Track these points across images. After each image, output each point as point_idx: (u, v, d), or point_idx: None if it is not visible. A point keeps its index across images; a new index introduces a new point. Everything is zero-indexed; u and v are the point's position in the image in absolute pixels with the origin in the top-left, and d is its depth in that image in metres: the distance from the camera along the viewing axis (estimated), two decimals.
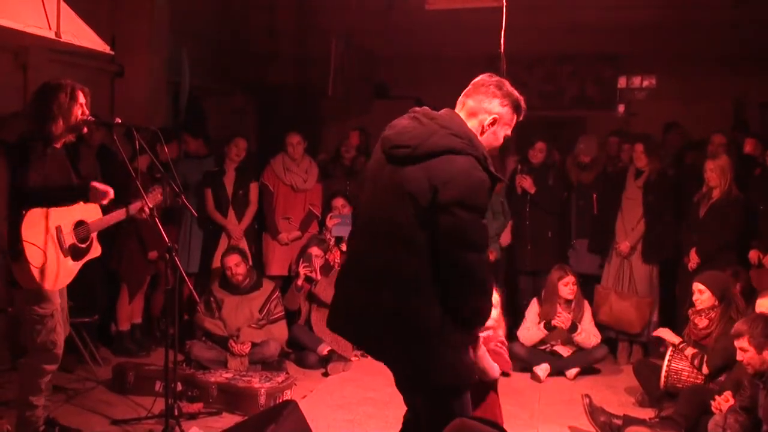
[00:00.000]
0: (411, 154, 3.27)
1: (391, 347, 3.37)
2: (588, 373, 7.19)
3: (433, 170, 3.21)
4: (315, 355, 7.19)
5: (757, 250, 6.96)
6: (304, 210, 8.07)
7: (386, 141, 3.41)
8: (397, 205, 3.28)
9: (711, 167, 7.03)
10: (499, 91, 3.46)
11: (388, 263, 3.31)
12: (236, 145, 7.80)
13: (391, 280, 3.29)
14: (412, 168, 3.26)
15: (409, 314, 3.27)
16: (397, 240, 3.28)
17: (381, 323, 3.34)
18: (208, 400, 5.92)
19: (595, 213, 8.01)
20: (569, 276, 7.18)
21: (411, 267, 3.26)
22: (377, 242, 3.37)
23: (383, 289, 3.31)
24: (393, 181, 3.33)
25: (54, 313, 4.80)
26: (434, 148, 3.24)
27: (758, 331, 4.76)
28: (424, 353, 3.29)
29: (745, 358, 4.84)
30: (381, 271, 3.33)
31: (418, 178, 3.23)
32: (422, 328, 3.28)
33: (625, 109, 11.11)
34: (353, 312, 3.47)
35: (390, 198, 3.32)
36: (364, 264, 3.44)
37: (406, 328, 3.29)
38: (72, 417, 5.48)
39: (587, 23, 10.23)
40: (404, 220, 3.25)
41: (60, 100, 4.69)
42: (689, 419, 5.31)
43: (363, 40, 10.76)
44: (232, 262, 7.02)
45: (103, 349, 7.21)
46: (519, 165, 8.16)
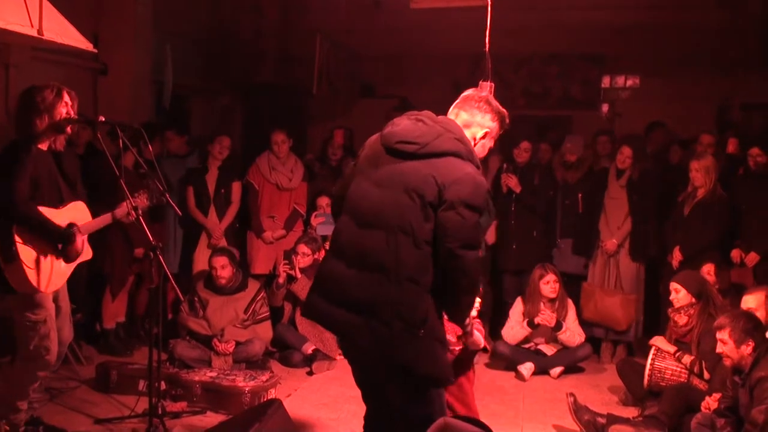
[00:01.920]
0: (418, 150, 3.44)
1: (378, 333, 3.37)
2: (572, 372, 7.21)
3: (440, 169, 3.38)
4: (300, 354, 7.17)
5: (739, 249, 7.01)
6: (289, 209, 8.06)
7: (391, 135, 3.54)
8: (399, 197, 3.41)
9: (696, 167, 7.06)
10: (489, 106, 3.67)
11: (385, 251, 3.39)
12: (219, 143, 7.78)
13: (389, 268, 3.36)
14: (416, 163, 3.43)
15: (404, 302, 3.35)
16: (398, 230, 3.37)
17: (372, 308, 3.38)
18: (192, 399, 5.90)
19: (581, 212, 8.02)
20: (550, 275, 7.21)
21: (411, 257, 3.36)
22: (373, 231, 3.44)
23: (378, 275, 3.38)
24: (394, 174, 3.47)
25: (47, 319, 4.77)
26: (441, 148, 3.43)
27: (739, 326, 4.83)
28: (414, 342, 3.35)
29: (724, 351, 4.90)
30: (377, 258, 3.40)
31: (423, 174, 3.39)
32: (415, 318, 3.35)
33: (609, 109, 11.14)
34: (341, 295, 3.49)
35: (391, 190, 3.44)
36: (357, 250, 3.49)
37: (398, 314, 3.34)
38: (55, 416, 5.45)
39: (573, 23, 10.26)
40: (407, 212, 3.37)
41: (45, 95, 4.68)
42: (673, 418, 5.34)
43: (348, 39, 10.75)
44: (218, 263, 6.99)
45: (87, 348, 7.18)
46: (504, 164, 8.16)
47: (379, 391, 3.60)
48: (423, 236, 3.36)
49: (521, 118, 10.88)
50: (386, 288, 3.36)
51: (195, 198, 7.77)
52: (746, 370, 4.76)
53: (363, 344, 3.43)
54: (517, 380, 7.00)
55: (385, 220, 3.41)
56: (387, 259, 3.37)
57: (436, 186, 3.35)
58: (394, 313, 3.34)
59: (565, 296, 7.33)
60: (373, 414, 3.79)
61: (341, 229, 3.62)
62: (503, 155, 8.59)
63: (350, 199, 3.60)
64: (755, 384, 4.62)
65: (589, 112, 11.06)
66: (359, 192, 3.57)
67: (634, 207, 7.58)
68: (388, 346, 3.37)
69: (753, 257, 6.91)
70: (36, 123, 4.69)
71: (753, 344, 4.78)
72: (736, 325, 4.84)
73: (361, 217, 3.53)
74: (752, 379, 4.66)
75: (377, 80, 11.56)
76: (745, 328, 4.81)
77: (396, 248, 3.36)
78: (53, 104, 4.70)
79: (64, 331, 5.04)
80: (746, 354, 4.80)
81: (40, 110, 4.68)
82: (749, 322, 4.88)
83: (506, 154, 8.39)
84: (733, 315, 5.04)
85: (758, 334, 4.82)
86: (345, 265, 3.51)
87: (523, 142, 8.15)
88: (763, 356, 4.69)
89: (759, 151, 7.00)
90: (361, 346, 3.47)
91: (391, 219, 3.39)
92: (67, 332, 5.10)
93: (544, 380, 7.02)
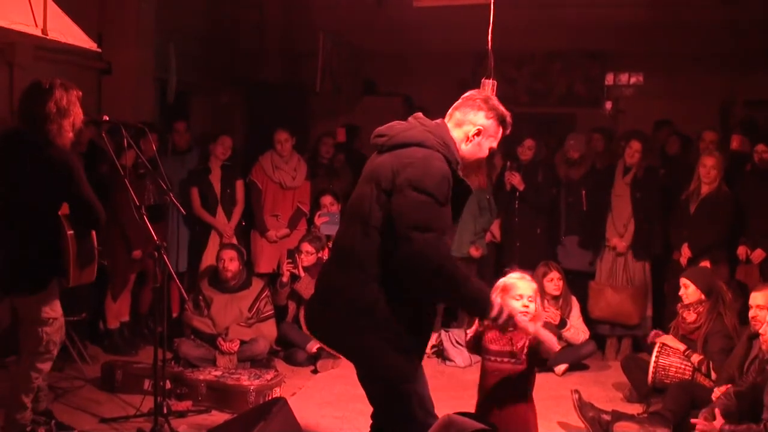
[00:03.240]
0: (387, 142, 3.49)
1: (332, 321, 3.48)
2: (576, 369, 7.20)
3: (399, 157, 3.39)
4: (304, 353, 7.18)
5: (745, 246, 7.00)
6: (293, 207, 8.06)
7: (373, 132, 3.61)
8: (363, 189, 3.48)
9: (710, 164, 7.05)
10: (485, 104, 3.59)
11: (346, 242, 3.49)
12: (222, 144, 7.78)
13: (344, 257, 3.48)
14: (385, 156, 3.48)
15: (349, 288, 3.41)
16: (357, 220, 3.43)
17: (326, 296, 3.52)
18: (197, 398, 5.91)
19: (585, 209, 8.01)
20: (553, 272, 7.20)
21: (361, 245, 3.40)
22: (346, 226, 3.57)
23: (335, 265, 3.53)
24: (368, 169, 3.55)
25: (60, 316, 4.83)
26: (407, 139, 3.45)
27: None
28: (358, 335, 3.41)
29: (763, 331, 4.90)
30: (341, 250, 3.54)
31: (385, 164, 3.42)
32: (358, 304, 3.38)
33: (613, 106, 11.14)
34: (319, 298, 3.62)
35: (362, 184, 3.51)
36: (336, 248, 3.65)
37: (344, 301, 3.42)
38: (61, 415, 5.42)
39: (576, 21, 10.26)
40: (365, 201, 3.42)
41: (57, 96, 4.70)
42: (677, 414, 5.33)
43: (351, 37, 10.75)
44: (227, 256, 7.02)
45: (92, 348, 7.19)
46: (508, 162, 8.16)
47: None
48: (373, 223, 3.36)
49: (524, 116, 10.89)
50: (336, 275, 3.47)
51: (201, 198, 7.77)
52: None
53: (327, 335, 3.56)
54: None
55: (351, 213, 3.52)
56: (345, 249, 3.47)
57: (391, 172, 3.35)
58: (341, 299, 3.42)
59: (568, 293, 7.32)
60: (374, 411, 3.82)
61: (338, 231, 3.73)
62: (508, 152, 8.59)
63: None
64: None
65: (592, 110, 11.07)
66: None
67: (637, 205, 7.56)
68: (340, 334, 3.46)
69: (759, 254, 6.91)
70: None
71: None
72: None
73: (344, 216, 3.69)
74: None
75: (380, 78, 11.55)
76: None
77: (352, 237, 3.44)
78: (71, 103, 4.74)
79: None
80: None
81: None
82: None
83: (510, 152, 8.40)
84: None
85: None
86: (328, 263, 3.67)
87: (527, 140, 8.14)
88: None
89: (765, 147, 7.00)
90: (328, 338, 3.60)
91: (355, 210, 3.48)
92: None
93: (549, 377, 7.01)
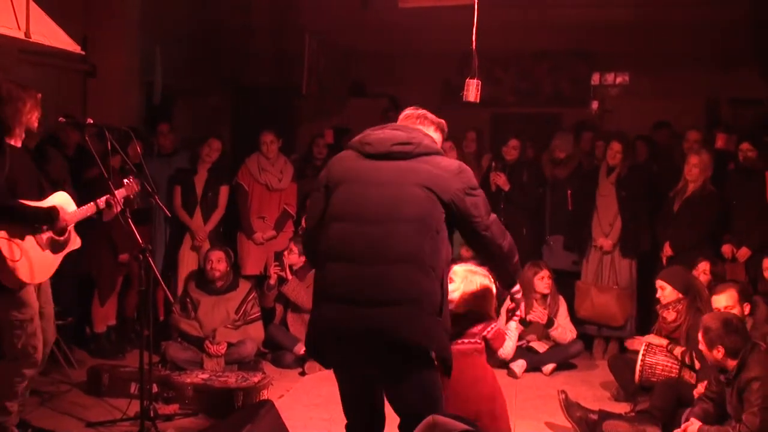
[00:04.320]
0: (413, 150, 3.62)
1: (416, 319, 3.42)
2: (564, 369, 7.22)
3: (439, 165, 3.61)
4: (292, 355, 7.17)
5: (730, 244, 7.03)
6: (279, 209, 8.04)
7: (381, 141, 3.66)
8: (411, 190, 3.53)
9: (695, 162, 7.09)
10: (427, 120, 3.93)
11: (391, 242, 3.47)
12: (209, 146, 7.76)
13: (414, 256, 3.45)
14: (412, 162, 3.60)
15: (434, 291, 3.47)
16: (415, 221, 3.48)
17: (407, 296, 3.43)
18: (183, 401, 5.88)
19: (570, 209, 8.03)
20: (544, 270, 7.23)
21: (423, 246, 3.46)
22: (387, 225, 3.50)
23: (405, 265, 3.44)
24: (394, 173, 3.58)
25: (33, 317, 4.79)
26: (429, 149, 3.67)
27: (713, 330, 4.75)
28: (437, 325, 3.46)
29: (702, 350, 4.89)
30: (400, 249, 3.46)
31: (425, 170, 3.57)
32: (435, 304, 3.46)
33: (599, 106, 11.16)
34: (357, 293, 3.48)
35: (398, 186, 3.55)
36: (356, 246, 3.53)
37: (431, 303, 3.45)
38: (46, 420, 5.44)
39: (562, 21, 10.26)
40: (417, 204, 3.51)
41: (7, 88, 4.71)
42: (665, 412, 5.36)
43: (337, 38, 10.73)
44: (215, 257, 7.03)
45: (79, 352, 7.16)
46: (493, 162, 8.17)
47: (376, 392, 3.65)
48: (433, 223, 3.51)
49: (511, 116, 10.94)
50: (417, 276, 3.44)
51: (182, 198, 7.76)
52: (729, 369, 4.72)
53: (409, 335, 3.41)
54: (509, 377, 6.99)
55: (387, 215, 3.50)
56: (411, 248, 3.46)
57: (443, 178, 3.56)
58: (430, 300, 3.45)
59: (556, 293, 7.35)
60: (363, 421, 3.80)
61: (336, 235, 3.59)
62: (493, 153, 8.62)
63: (342, 206, 3.62)
64: (744, 386, 4.59)
65: (578, 109, 11.07)
66: (353, 197, 3.60)
67: (622, 203, 7.59)
68: (429, 334, 3.44)
69: (744, 252, 6.95)
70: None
71: (723, 350, 4.69)
72: (710, 328, 4.76)
73: (364, 216, 3.55)
74: (741, 381, 4.62)
75: (367, 79, 11.53)
76: (718, 333, 4.70)
77: (403, 236, 3.46)
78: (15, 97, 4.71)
79: (48, 332, 5.06)
80: (718, 358, 4.73)
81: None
82: (723, 327, 4.73)
83: (496, 152, 8.42)
84: (712, 316, 4.97)
85: (731, 339, 4.69)
86: (351, 265, 3.51)
87: (512, 140, 8.16)
88: (749, 357, 4.65)
89: (749, 146, 7.04)
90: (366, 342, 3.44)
91: (395, 212, 3.50)
92: (50, 333, 5.12)
93: (536, 377, 7.04)
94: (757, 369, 4.59)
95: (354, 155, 3.72)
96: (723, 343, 4.70)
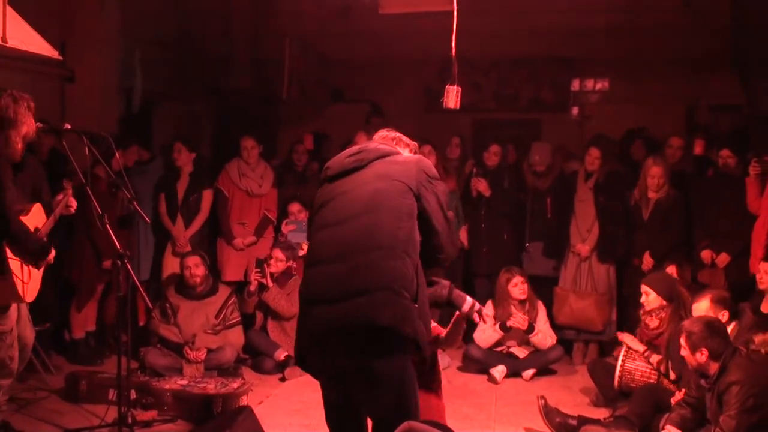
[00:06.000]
0: (366, 157, 3.74)
1: (395, 304, 3.42)
2: (544, 374, 7.24)
3: (396, 161, 3.72)
4: (272, 361, 7.15)
5: (709, 250, 7.07)
6: (260, 215, 8.03)
7: (336, 161, 3.82)
8: (369, 189, 3.61)
9: (659, 173, 7.18)
10: (402, 142, 3.97)
11: (362, 235, 3.52)
12: (176, 151, 7.77)
13: (387, 244, 3.49)
14: (369, 167, 3.70)
15: (406, 275, 3.49)
16: (373, 213, 3.54)
17: (382, 282, 3.44)
18: (162, 407, 5.86)
19: (549, 216, 8.05)
20: (516, 277, 7.25)
21: (396, 233, 3.51)
22: (345, 225, 3.57)
23: (379, 251, 3.47)
24: (356, 180, 3.68)
25: (13, 329, 4.76)
26: (383, 152, 3.78)
27: (694, 334, 4.78)
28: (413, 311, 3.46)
29: (684, 355, 4.91)
30: (355, 243, 3.52)
31: (383, 167, 3.68)
32: (412, 289, 3.49)
33: (579, 112, 11.20)
34: (323, 292, 3.52)
35: (358, 189, 3.64)
36: (331, 247, 3.58)
37: (404, 286, 3.46)
38: (23, 426, 5.40)
39: (542, 27, 10.29)
40: (383, 195, 3.58)
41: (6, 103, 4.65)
42: (643, 418, 5.37)
43: (318, 44, 10.74)
44: (191, 262, 7.00)
45: (57, 358, 7.13)
46: (474, 168, 8.19)
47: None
48: (407, 211, 3.57)
49: (491, 122, 10.96)
50: (390, 262, 3.46)
51: (166, 204, 7.75)
52: (710, 374, 4.74)
53: (382, 320, 3.40)
54: (489, 383, 7.01)
55: (370, 207, 3.56)
56: (383, 236, 3.50)
57: (408, 171, 3.65)
58: (402, 284, 3.45)
59: (534, 298, 7.37)
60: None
61: (313, 244, 3.71)
62: (475, 159, 8.63)
63: (317, 221, 3.73)
64: (724, 389, 4.62)
65: (558, 115, 11.11)
66: (325, 212, 3.70)
67: (600, 209, 7.62)
68: (402, 316, 3.43)
69: (724, 258, 7.00)
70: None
71: (707, 353, 4.71)
72: (693, 332, 4.78)
73: (335, 220, 3.62)
74: (721, 385, 4.64)
75: (347, 85, 11.53)
76: (701, 336, 4.73)
77: (391, 225, 3.52)
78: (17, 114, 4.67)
79: (26, 334, 5.02)
80: (702, 362, 4.75)
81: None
82: (706, 329, 4.78)
83: (477, 158, 8.43)
84: (693, 320, 5.02)
85: (715, 341, 4.73)
86: (328, 266, 3.54)
87: (493, 146, 8.20)
88: (730, 361, 4.68)
89: (729, 152, 7.08)
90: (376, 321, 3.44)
91: (376, 203, 3.57)
92: (29, 335, 5.07)
93: (517, 383, 7.05)
94: (737, 373, 4.62)
95: (323, 185, 3.82)
96: (707, 345, 4.72)
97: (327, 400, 3.78)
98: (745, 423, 4.49)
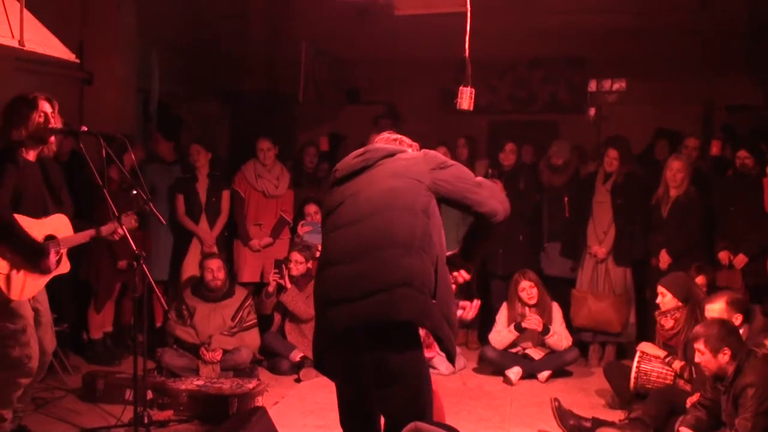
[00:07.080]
0: (373, 156, 3.78)
1: (414, 300, 3.42)
2: (559, 376, 7.21)
3: (402, 158, 3.75)
4: (287, 362, 7.17)
5: (727, 251, 7.04)
6: (276, 216, 8.05)
7: (344, 164, 3.84)
8: (382, 187, 3.62)
9: (678, 167, 7.12)
10: (405, 143, 3.97)
11: (378, 233, 3.51)
12: (194, 152, 7.81)
13: (404, 242, 3.48)
14: (377, 166, 3.73)
15: (425, 271, 3.48)
16: (388, 211, 3.54)
17: (403, 278, 3.43)
18: (178, 407, 5.90)
19: (567, 216, 8.03)
20: (524, 281, 7.24)
21: (414, 230, 3.50)
22: (361, 224, 3.57)
23: (395, 250, 3.46)
24: (365, 179, 3.70)
25: (26, 327, 4.77)
26: (389, 151, 3.82)
27: (714, 335, 4.76)
28: (415, 298, 3.43)
29: (702, 361, 4.86)
30: (372, 241, 3.51)
31: (390, 166, 3.70)
32: (431, 285, 3.48)
33: (596, 113, 11.17)
34: (341, 292, 3.51)
35: (371, 188, 3.64)
36: (346, 247, 3.58)
37: (423, 283, 3.45)
38: (41, 426, 5.45)
39: (557, 28, 10.29)
40: (397, 192, 3.58)
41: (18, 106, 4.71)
42: (658, 420, 5.34)
43: (333, 46, 10.76)
44: (214, 266, 7.03)
45: (75, 358, 7.18)
46: (490, 169, 8.17)
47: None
48: (423, 207, 3.56)
49: (507, 123, 10.94)
50: (407, 259, 3.45)
51: (186, 206, 7.78)
52: (728, 376, 4.72)
53: (402, 314, 3.41)
54: (504, 385, 7.00)
55: (385, 205, 3.56)
56: (400, 233, 3.49)
57: (418, 166, 3.67)
58: (421, 281, 3.45)
59: (548, 300, 7.34)
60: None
61: (328, 244, 3.71)
62: (490, 159, 8.61)
63: (330, 222, 3.72)
64: (740, 392, 4.59)
65: (575, 116, 11.09)
66: (339, 211, 3.70)
67: (617, 210, 7.58)
68: (422, 310, 3.43)
69: (741, 259, 6.96)
70: (13, 134, 4.71)
71: (730, 352, 4.70)
72: (711, 334, 4.76)
73: (349, 219, 3.62)
74: (736, 387, 4.62)
75: (363, 87, 11.56)
76: (720, 336, 4.72)
77: (408, 222, 3.52)
78: (28, 116, 4.72)
79: (46, 340, 5.03)
80: (724, 363, 4.73)
81: (15, 121, 4.71)
82: (723, 329, 4.79)
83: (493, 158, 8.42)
84: (707, 324, 4.98)
85: (734, 341, 4.74)
86: (344, 266, 3.54)
87: (509, 144, 8.19)
88: (745, 363, 4.65)
89: (746, 153, 7.05)
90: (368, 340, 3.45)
91: (390, 201, 3.56)
92: (49, 341, 5.09)
93: (532, 384, 7.03)
94: (752, 375, 4.59)
95: (332, 189, 3.83)
96: (728, 344, 4.71)
97: (342, 400, 3.78)
98: (761, 425, 4.47)
